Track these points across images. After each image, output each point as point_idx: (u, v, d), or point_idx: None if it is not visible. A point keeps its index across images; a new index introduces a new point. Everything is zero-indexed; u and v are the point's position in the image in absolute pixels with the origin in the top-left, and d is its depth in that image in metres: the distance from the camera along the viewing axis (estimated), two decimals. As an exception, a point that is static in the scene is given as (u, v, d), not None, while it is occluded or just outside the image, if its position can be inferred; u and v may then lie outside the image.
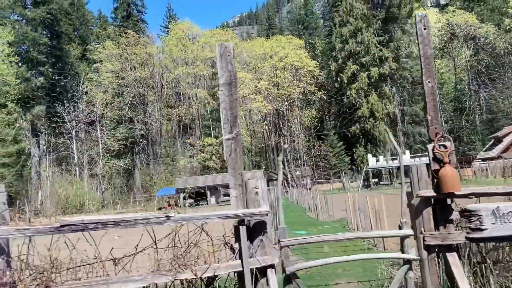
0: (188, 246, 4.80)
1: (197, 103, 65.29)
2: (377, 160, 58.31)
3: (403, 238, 5.48)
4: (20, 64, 68.43)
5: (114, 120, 70.04)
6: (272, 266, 4.87)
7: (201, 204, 57.06)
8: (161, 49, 70.16)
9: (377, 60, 65.85)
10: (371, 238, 11.82)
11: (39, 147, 70.95)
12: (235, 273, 4.94)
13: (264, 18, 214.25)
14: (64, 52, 79.11)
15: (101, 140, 64.28)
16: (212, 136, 64.15)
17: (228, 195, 63.16)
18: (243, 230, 4.72)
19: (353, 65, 65.53)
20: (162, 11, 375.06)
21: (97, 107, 63.41)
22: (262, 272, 4.84)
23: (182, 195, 56.81)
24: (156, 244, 4.83)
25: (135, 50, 66.14)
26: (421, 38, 6.07)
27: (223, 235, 4.97)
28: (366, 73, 65.45)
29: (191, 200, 57.07)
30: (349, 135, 67.73)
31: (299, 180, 67.84)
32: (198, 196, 58.00)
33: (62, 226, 4.52)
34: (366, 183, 59.11)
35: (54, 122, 64.61)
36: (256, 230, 4.92)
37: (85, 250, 4.71)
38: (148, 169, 68.47)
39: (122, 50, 66.02)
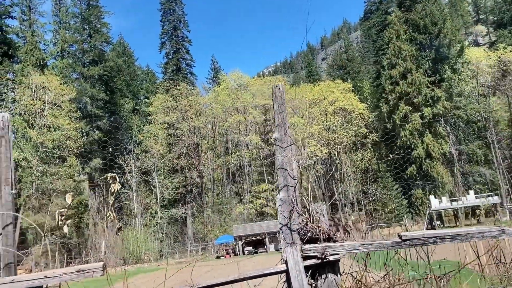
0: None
1: (250, 149, 66.02)
2: (440, 202, 56.35)
3: None
4: (78, 120, 71.70)
5: (168, 170, 71.37)
6: None
7: (260, 252, 56.04)
8: (213, 99, 72.24)
9: (430, 100, 65.35)
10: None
11: (96, 198, 72.73)
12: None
13: (299, 66, 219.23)
14: (118, 106, 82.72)
15: (159, 190, 65.36)
16: (267, 181, 64.07)
17: (286, 241, 62.09)
18: None
19: (405, 106, 65.11)
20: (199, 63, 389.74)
21: (155, 157, 65.01)
22: None
23: (240, 243, 56.15)
24: (479, 259, 4.69)
25: (189, 102, 68.32)
26: None
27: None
28: (419, 113, 64.81)
29: (249, 248, 56.29)
30: (405, 177, 66.19)
31: (355, 225, 66.13)
32: (256, 243, 57.16)
33: (403, 240, 4.47)
34: (429, 226, 56.94)
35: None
36: None
37: (402, 267, 4.62)
38: (202, 217, 68.55)
39: (177, 101, 68.36)
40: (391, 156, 66.33)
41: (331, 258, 4.34)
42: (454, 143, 68.06)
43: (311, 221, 4.51)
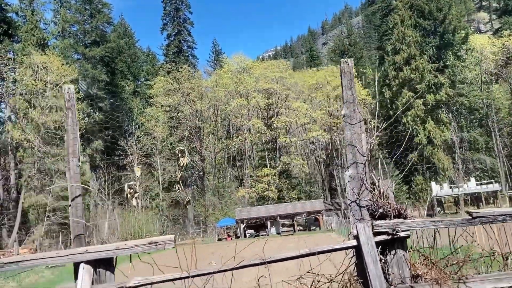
0: None
1: (253, 133, 65.98)
2: (441, 188, 56.68)
3: None
4: (80, 101, 71.18)
5: (169, 153, 71.33)
6: None
7: (261, 235, 56.42)
8: (215, 82, 71.83)
9: (433, 86, 65.25)
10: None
11: (97, 180, 72.75)
12: None
13: (299, 51, 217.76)
14: (119, 88, 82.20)
15: (160, 173, 65.47)
16: (268, 166, 64.19)
17: (287, 225, 62.46)
18: None
19: (408, 92, 65.00)
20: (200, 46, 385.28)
21: (157, 140, 64.94)
22: None
23: (242, 226, 56.50)
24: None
25: (191, 84, 67.93)
26: None
27: None
28: (422, 100, 64.75)
29: (251, 231, 56.68)
30: (406, 163, 66.38)
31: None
32: (257, 226, 57.54)
33: (473, 218, 4.49)
34: (429, 212, 57.40)
35: (116, 156, 66.33)
36: None
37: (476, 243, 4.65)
38: (204, 201, 68.81)
39: (179, 84, 67.95)
40: (391, 142, 66.31)
41: (401, 234, 4.36)
42: (455, 130, 68.22)
43: (381, 197, 4.52)
